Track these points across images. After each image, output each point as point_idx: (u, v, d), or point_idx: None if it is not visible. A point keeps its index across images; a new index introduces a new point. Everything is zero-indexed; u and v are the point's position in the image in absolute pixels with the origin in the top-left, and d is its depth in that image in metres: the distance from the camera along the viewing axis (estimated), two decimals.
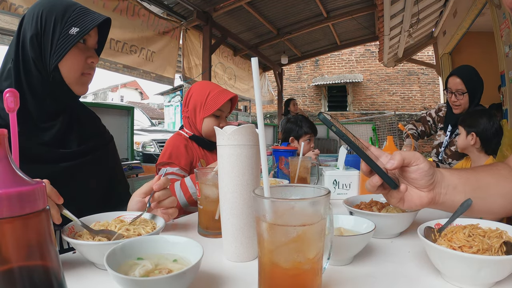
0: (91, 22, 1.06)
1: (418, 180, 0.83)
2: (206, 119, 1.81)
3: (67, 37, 1.04)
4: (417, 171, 0.83)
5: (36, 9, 1.06)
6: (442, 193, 0.86)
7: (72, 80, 1.12)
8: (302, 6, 6.54)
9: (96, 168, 1.24)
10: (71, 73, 1.11)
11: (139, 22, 4.88)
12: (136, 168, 3.41)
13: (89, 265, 0.83)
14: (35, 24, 1.04)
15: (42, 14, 1.04)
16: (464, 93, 2.47)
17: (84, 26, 1.05)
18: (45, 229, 0.38)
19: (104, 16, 1.12)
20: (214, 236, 1.05)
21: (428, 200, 0.86)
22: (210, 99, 1.79)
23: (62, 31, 1.04)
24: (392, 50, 7.24)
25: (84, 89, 1.18)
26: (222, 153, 0.87)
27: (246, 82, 8.51)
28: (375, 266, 0.83)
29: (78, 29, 1.05)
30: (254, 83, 0.67)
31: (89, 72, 1.16)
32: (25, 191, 0.35)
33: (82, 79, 1.15)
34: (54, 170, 1.09)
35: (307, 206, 0.58)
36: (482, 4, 4.50)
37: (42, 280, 0.38)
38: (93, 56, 1.14)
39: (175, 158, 1.72)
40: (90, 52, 1.14)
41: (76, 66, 1.11)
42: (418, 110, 13.24)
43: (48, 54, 1.06)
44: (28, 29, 1.05)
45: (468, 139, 2.05)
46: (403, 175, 0.86)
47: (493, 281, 0.69)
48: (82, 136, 1.22)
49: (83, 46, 1.12)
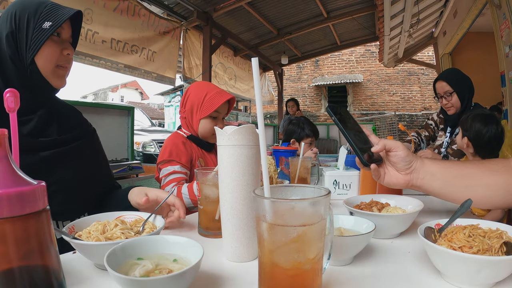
0: (63, 16, 1.10)
1: (397, 163, 1.04)
2: (202, 120, 1.80)
3: (41, 31, 1.08)
4: (395, 156, 1.03)
5: (10, 9, 1.11)
6: (419, 178, 1.03)
7: (48, 73, 1.15)
8: (302, 6, 6.54)
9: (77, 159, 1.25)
10: (47, 65, 1.14)
11: (140, 22, 4.88)
12: (136, 168, 3.40)
13: (89, 265, 0.83)
14: (9, 23, 1.09)
15: (15, 13, 1.09)
16: (452, 93, 2.55)
17: (57, 19, 1.10)
18: (45, 229, 0.38)
19: (75, 10, 1.15)
20: (214, 236, 1.05)
21: (404, 181, 1.05)
22: (207, 101, 1.78)
23: (36, 26, 1.09)
24: (392, 51, 7.24)
25: (61, 81, 1.21)
26: (222, 153, 0.87)
27: (246, 82, 8.51)
28: (375, 266, 0.83)
29: (51, 22, 1.09)
30: (255, 83, 0.67)
31: (65, 65, 1.19)
32: (25, 191, 0.35)
33: (58, 71, 1.18)
34: (32, 160, 1.10)
35: (307, 206, 0.58)
36: (482, 4, 4.50)
37: (42, 280, 0.38)
38: (68, 48, 1.17)
39: (176, 156, 1.72)
40: (65, 45, 1.17)
41: (51, 58, 1.14)
42: (418, 110, 13.24)
43: (24, 49, 1.10)
44: (4, 28, 1.09)
45: (463, 141, 2.04)
46: (387, 158, 1.06)
47: (493, 282, 0.69)
48: (62, 127, 1.23)
49: (58, 39, 1.15)
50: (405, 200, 1.19)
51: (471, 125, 2.01)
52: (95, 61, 4.20)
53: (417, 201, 1.13)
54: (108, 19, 4.29)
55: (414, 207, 1.12)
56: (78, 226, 0.90)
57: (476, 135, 1.98)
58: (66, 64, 1.19)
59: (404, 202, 1.18)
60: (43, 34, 1.08)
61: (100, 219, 0.95)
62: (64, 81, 1.22)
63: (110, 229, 0.87)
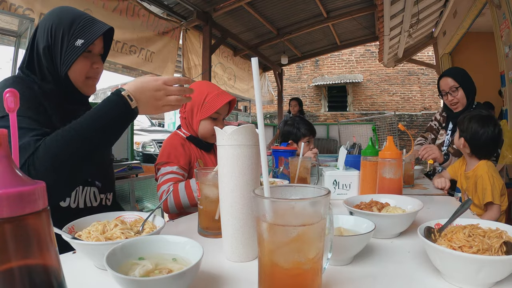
0: (95, 34, 1.19)
1: None
2: (202, 121, 1.79)
3: (73, 48, 1.18)
4: None
5: (47, 22, 1.19)
6: None
7: (80, 84, 1.26)
8: (302, 6, 6.53)
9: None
10: (78, 78, 1.24)
11: (139, 23, 4.87)
12: (136, 168, 3.39)
13: (89, 265, 0.83)
14: (46, 37, 1.18)
15: (52, 28, 1.18)
16: (458, 88, 2.53)
17: (88, 37, 1.18)
18: (45, 229, 0.38)
19: (107, 26, 1.24)
20: (214, 236, 1.05)
21: None
22: (208, 102, 1.77)
23: (69, 43, 1.18)
24: (392, 51, 7.24)
25: (91, 90, 1.32)
26: (222, 153, 0.87)
27: (246, 82, 8.51)
28: (375, 266, 0.83)
29: (83, 40, 1.18)
30: (254, 83, 0.67)
31: (95, 76, 1.30)
32: (25, 191, 0.35)
33: (88, 82, 1.29)
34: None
35: (307, 206, 0.58)
36: (482, 4, 4.50)
37: (42, 280, 0.38)
38: (97, 62, 1.28)
39: (174, 158, 1.72)
40: (95, 59, 1.27)
41: (81, 72, 1.24)
42: (418, 110, 13.24)
43: (58, 64, 1.19)
44: (41, 41, 1.19)
45: (460, 141, 2.03)
46: None
47: (493, 281, 0.69)
48: None
49: (89, 54, 1.25)
50: (405, 200, 1.19)
51: (468, 126, 1.99)
52: None
53: (417, 201, 1.14)
54: (107, 20, 4.25)
55: (413, 207, 1.12)
56: (78, 226, 0.90)
57: (472, 136, 1.97)
58: (95, 76, 1.31)
59: (403, 202, 1.18)
60: (75, 52, 1.18)
61: (100, 219, 0.95)
62: (94, 89, 1.35)
63: (110, 229, 0.87)
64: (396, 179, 1.51)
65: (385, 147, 1.54)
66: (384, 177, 1.52)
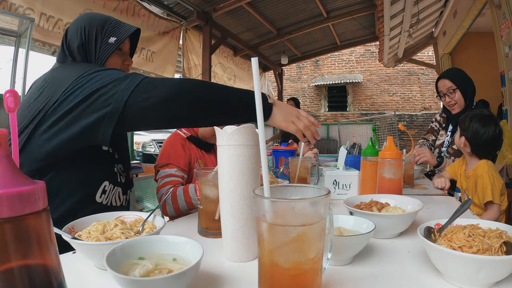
0: (125, 32, 1.31)
1: None
2: None
3: (107, 45, 1.28)
4: None
5: (79, 24, 1.28)
6: None
7: None
8: (302, 6, 6.53)
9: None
10: None
11: (139, 22, 4.87)
12: (135, 169, 3.40)
13: (89, 265, 0.83)
14: (80, 36, 1.26)
15: (85, 28, 1.27)
16: (455, 90, 2.54)
17: (120, 35, 1.30)
18: (45, 229, 0.38)
19: (135, 27, 1.36)
20: (214, 236, 1.05)
21: None
22: None
23: (103, 40, 1.28)
24: (392, 51, 7.24)
25: None
26: (222, 153, 0.87)
27: (246, 82, 8.51)
28: (375, 266, 0.83)
29: (116, 38, 1.29)
30: (254, 83, 0.67)
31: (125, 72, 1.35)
32: (25, 191, 0.35)
33: None
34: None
35: (307, 206, 0.58)
36: (482, 4, 4.49)
37: (42, 280, 0.38)
38: (128, 60, 1.42)
39: (174, 159, 1.72)
40: (125, 56, 1.40)
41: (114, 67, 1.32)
42: (418, 110, 13.23)
43: (93, 59, 1.28)
44: (74, 40, 1.27)
45: (461, 141, 2.03)
46: None
47: (493, 281, 0.69)
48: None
49: (120, 52, 1.37)
50: (405, 200, 1.19)
51: (469, 125, 2.00)
52: None
53: (417, 201, 1.14)
54: None
55: (413, 207, 1.12)
56: (78, 226, 0.90)
57: (473, 135, 1.97)
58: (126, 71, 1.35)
59: (403, 202, 1.18)
60: (109, 48, 1.28)
61: (100, 219, 0.95)
62: None
63: (110, 229, 0.87)
64: (396, 179, 1.51)
65: (385, 147, 1.55)
66: (384, 177, 1.52)
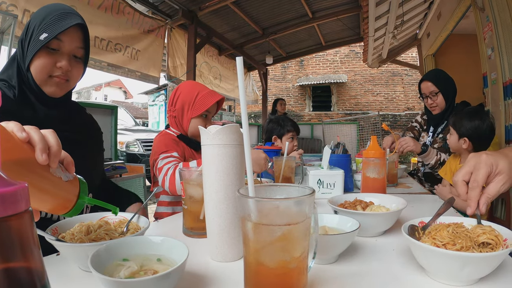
0: (59, 28, 1.12)
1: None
2: (193, 119, 1.81)
3: (36, 42, 1.12)
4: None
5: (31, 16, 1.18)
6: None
7: (41, 81, 1.18)
8: (288, 6, 6.55)
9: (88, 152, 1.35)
10: (38, 75, 1.17)
11: (124, 20, 4.82)
12: (119, 168, 3.35)
13: (73, 267, 0.82)
14: (24, 30, 1.16)
15: (30, 22, 1.16)
16: (437, 93, 2.60)
17: (53, 31, 1.11)
18: (28, 230, 0.37)
19: (76, 21, 1.15)
20: (199, 236, 1.04)
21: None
22: (199, 100, 1.78)
23: (35, 36, 1.13)
24: (376, 51, 7.31)
25: (55, 90, 1.21)
26: (206, 152, 0.87)
27: (231, 81, 8.49)
28: (360, 264, 0.84)
29: (47, 34, 1.11)
30: (239, 82, 0.67)
31: (60, 76, 1.20)
32: (7, 192, 0.35)
33: (50, 81, 1.20)
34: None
35: (292, 206, 0.59)
36: (466, 7, 4.57)
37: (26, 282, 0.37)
38: (61, 61, 1.18)
39: (171, 148, 1.72)
40: (61, 57, 1.18)
41: (43, 68, 1.16)
42: (401, 110, 13.41)
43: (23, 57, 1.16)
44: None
45: (461, 143, 2.00)
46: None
47: (477, 278, 0.71)
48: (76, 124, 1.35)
49: (53, 51, 1.17)
50: (389, 199, 1.20)
51: (467, 124, 1.99)
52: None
53: (401, 200, 1.15)
54: (92, 17, 4.22)
55: (397, 205, 1.13)
56: (62, 228, 0.89)
57: (475, 132, 1.97)
58: (62, 76, 1.20)
59: (388, 200, 1.19)
60: (36, 45, 1.12)
61: (83, 220, 0.94)
62: (59, 90, 1.23)
63: (94, 230, 0.86)
64: (380, 179, 1.52)
65: (369, 147, 1.56)
66: (368, 176, 1.54)
